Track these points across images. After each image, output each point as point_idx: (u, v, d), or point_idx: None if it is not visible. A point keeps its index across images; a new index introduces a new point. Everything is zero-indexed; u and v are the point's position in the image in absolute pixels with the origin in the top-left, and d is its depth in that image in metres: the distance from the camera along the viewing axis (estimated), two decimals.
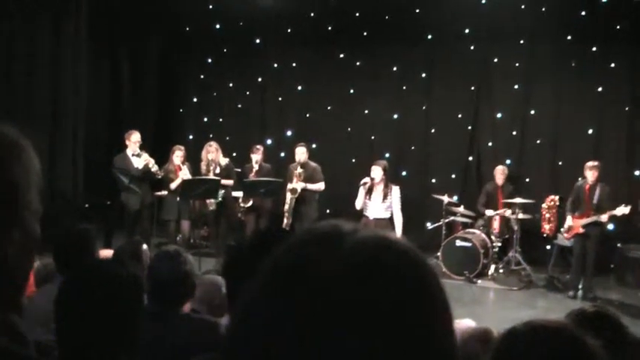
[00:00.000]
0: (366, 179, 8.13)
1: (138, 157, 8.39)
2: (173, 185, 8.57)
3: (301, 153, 8.93)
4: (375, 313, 0.62)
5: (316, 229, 0.70)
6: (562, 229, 8.64)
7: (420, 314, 0.65)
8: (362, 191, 8.14)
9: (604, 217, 7.96)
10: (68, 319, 1.77)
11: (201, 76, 11.82)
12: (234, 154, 9.64)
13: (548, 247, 9.43)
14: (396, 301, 0.63)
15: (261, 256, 0.70)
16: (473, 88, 10.58)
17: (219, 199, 8.64)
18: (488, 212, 9.45)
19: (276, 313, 0.63)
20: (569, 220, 8.38)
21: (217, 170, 8.74)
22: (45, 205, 1.02)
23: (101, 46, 10.75)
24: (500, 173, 9.63)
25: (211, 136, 10.20)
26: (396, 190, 8.17)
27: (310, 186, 8.88)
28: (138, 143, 8.44)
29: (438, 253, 9.03)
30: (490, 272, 9.06)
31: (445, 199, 9.41)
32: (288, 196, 8.86)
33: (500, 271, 9.11)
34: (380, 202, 8.14)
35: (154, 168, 8.41)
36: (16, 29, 8.57)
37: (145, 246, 4.01)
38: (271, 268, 0.68)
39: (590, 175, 8.14)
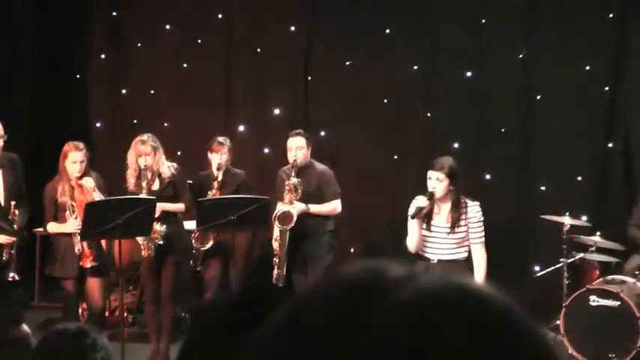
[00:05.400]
0: (419, 201, 5.40)
1: None
2: (70, 221, 5.57)
3: (298, 147, 6.13)
4: None
5: (344, 279, 0.51)
6: None
7: None
8: (413, 223, 5.50)
9: None
10: None
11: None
12: (179, 153, 6.44)
13: None
14: None
15: (241, 335, 0.67)
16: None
17: (162, 235, 5.70)
18: None
19: None
20: None
21: (156, 186, 5.85)
22: None
23: None
24: None
25: (135, 121, 6.71)
26: (473, 209, 5.61)
27: (316, 207, 6.20)
28: None
29: (558, 322, 6.15)
30: None
31: (566, 220, 6.45)
32: (278, 227, 6.07)
33: None
34: (447, 233, 5.64)
35: None
36: None
37: (24, 326, 3.66)
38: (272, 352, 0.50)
39: None
